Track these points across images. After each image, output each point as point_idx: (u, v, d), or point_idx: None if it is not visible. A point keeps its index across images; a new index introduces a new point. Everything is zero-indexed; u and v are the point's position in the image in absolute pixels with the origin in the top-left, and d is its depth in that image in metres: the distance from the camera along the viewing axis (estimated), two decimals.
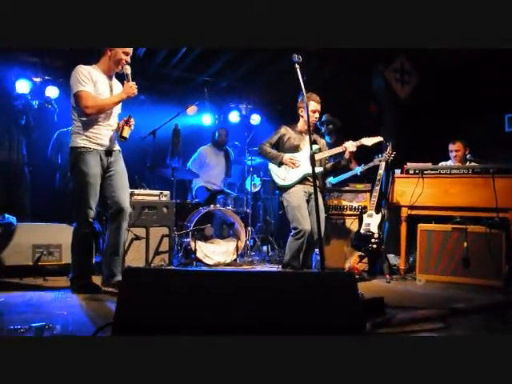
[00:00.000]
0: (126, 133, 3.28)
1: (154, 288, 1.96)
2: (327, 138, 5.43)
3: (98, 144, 3.24)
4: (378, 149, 4.53)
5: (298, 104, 4.13)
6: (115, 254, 3.28)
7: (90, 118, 3.17)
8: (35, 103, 5.25)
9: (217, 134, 6.00)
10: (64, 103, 5.80)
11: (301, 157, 4.08)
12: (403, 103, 5.81)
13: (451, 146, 4.94)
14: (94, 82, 3.16)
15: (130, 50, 3.24)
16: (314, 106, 4.06)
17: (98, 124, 3.23)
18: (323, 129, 5.49)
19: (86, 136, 3.19)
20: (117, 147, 3.41)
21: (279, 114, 7.24)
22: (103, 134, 3.26)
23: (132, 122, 3.33)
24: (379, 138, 4.18)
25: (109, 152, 3.32)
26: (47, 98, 5.47)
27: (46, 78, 5.86)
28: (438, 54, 5.39)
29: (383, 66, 5.56)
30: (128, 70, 3.22)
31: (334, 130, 5.47)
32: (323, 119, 5.45)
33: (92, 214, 3.21)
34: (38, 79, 5.76)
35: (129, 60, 3.25)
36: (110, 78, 3.33)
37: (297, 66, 2.90)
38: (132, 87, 3.20)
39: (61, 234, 4.06)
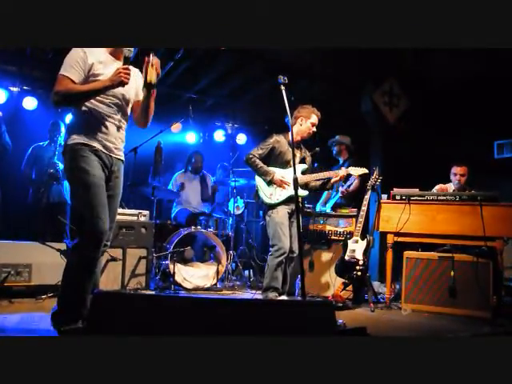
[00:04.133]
0: (153, 76, 2.46)
1: (126, 315, 1.81)
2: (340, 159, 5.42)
3: (102, 145, 2.50)
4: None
5: (296, 114, 4.04)
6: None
7: (90, 109, 2.46)
8: None
9: (193, 160, 5.84)
10: (42, 116, 5.66)
11: (290, 176, 3.96)
12: (391, 127, 5.76)
13: (456, 169, 4.78)
14: (90, 65, 2.43)
15: None
16: (315, 119, 4.04)
17: (104, 117, 2.50)
18: (335, 150, 5.44)
19: (88, 132, 2.46)
20: (122, 155, 2.66)
21: (266, 134, 7.14)
22: (111, 131, 2.53)
23: (156, 62, 2.47)
24: (365, 170, 4.13)
25: (112, 159, 2.56)
26: None
27: (24, 88, 5.67)
28: (428, 78, 5.41)
29: (372, 87, 5.52)
30: (127, 52, 2.46)
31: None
32: (337, 139, 5.42)
33: (105, 227, 2.40)
34: (15, 89, 5.57)
35: None
36: (117, 60, 2.56)
37: (282, 87, 2.81)
38: (120, 73, 2.37)
39: (31, 253, 3.89)
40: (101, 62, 2.48)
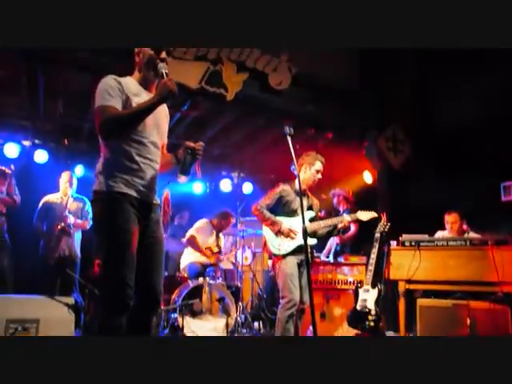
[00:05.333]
0: (187, 167, 2.33)
1: None
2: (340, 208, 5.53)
3: (139, 191, 2.24)
4: None
5: (300, 161, 4.00)
6: None
7: (125, 151, 2.22)
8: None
9: (224, 221, 5.67)
10: (53, 168, 5.77)
11: (297, 225, 3.94)
12: (397, 172, 5.79)
13: (447, 218, 4.86)
14: (128, 96, 2.22)
15: None
16: (320, 166, 4.01)
17: (140, 158, 2.25)
18: (334, 201, 5.51)
19: (124, 178, 2.20)
20: (156, 199, 2.39)
21: (272, 183, 7.21)
22: (147, 175, 2.28)
23: (199, 147, 2.37)
24: (374, 214, 4.09)
25: (146, 204, 2.30)
26: None
27: (36, 141, 5.82)
28: (431, 121, 5.49)
29: (376, 133, 5.59)
30: (163, 67, 2.24)
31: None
32: (336, 191, 5.52)
33: (131, 294, 2.13)
34: (27, 143, 5.72)
35: (163, 55, 2.29)
36: (148, 91, 2.37)
37: (288, 137, 2.83)
38: (166, 83, 2.15)
39: (39, 308, 3.83)
40: (135, 94, 2.27)
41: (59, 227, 4.90)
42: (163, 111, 2.46)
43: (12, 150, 5.60)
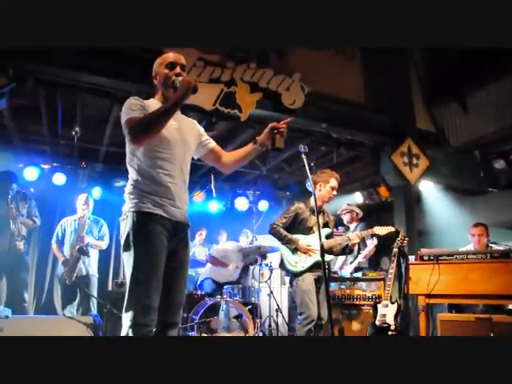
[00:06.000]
0: (280, 142, 2.40)
1: None
2: (351, 225, 5.56)
3: (167, 211, 2.19)
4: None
5: (315, 179, 4.03)
6: None
7: (152, 172, 2.19)
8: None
9: (249, 250, 5.72)
10: (70, 190, 5.89)
11: (314, 242, 3.94)
12: (413, 187, 5.77)
13: (473, 230, 4.79)
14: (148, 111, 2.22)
15: (172, 57, 2.32)
16: (335, 183, 4.01)
17: (162, 179, 2.20)
18: (346, 218, 5.55)
19: (149, 197, 2.17)
20: (187, 220, 2.32)
21: (287, 200, 7.24)
22: (175, 193, 2.23)
23: (283, 128, 2.41)
24: (391, 229, 4.09)
25: (177, 225, 2.24)
26: None
27: (55, 164, 5.96)
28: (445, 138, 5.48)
29: (391, 149, 5.59)
30: (179, 80, 2.24)
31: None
32: (347, 207, 5.58)
33: (154, 316, 2.07)
34: (46, 166, 5.86)
35: (178, 70, 2.29)
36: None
37: (303, 155, 2.84)
38: (184, 80, 2.18)
39: (58, 328, 3.86)
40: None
41: (77, 247, 4.97)
42: (190, 126, 2.44)
43: (32, 173, 5.73)
